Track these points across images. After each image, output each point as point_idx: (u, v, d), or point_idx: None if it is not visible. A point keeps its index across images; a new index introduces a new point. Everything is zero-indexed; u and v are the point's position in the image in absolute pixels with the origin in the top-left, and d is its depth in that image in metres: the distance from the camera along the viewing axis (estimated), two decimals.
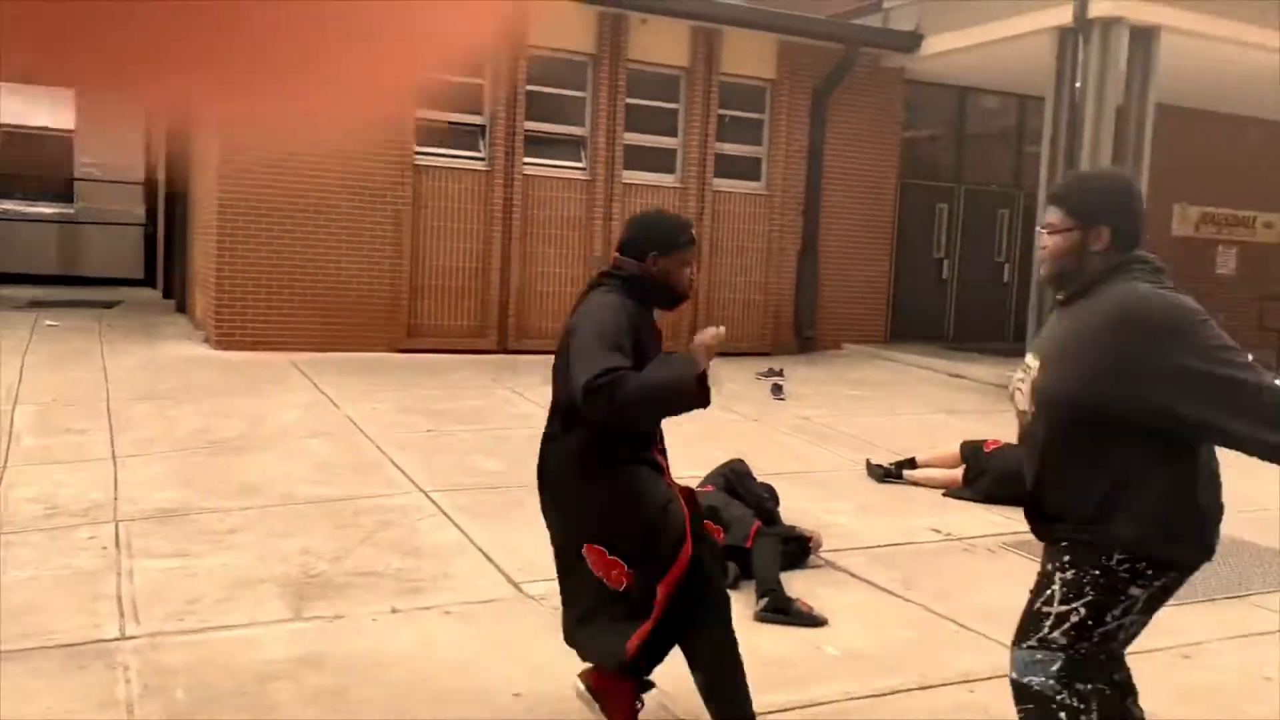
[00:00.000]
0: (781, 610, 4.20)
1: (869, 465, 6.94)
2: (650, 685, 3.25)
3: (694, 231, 3.30)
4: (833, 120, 12.84)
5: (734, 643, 3.06)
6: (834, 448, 7.72)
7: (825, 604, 4.36)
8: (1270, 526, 6.21)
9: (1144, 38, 10.68)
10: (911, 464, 6.90)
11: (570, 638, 3.21)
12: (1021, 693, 2.55)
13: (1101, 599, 2.49)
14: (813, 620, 4.17)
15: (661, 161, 12.25)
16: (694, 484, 5.38)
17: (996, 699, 3.54)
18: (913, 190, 13.88)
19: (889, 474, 6.81)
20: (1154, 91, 10.91)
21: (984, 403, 10.13)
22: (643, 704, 3.20)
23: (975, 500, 6.33)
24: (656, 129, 12.19)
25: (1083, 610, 2.48)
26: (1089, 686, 2.51)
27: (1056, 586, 2.52)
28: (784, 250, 12.80)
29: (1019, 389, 2.67)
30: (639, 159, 12.10)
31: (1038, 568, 2.63)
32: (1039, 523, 2.66)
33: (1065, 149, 10.91)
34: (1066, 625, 2.50)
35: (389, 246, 10.97)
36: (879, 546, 5.34)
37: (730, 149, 12.53)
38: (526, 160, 11.49)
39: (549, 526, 3.23)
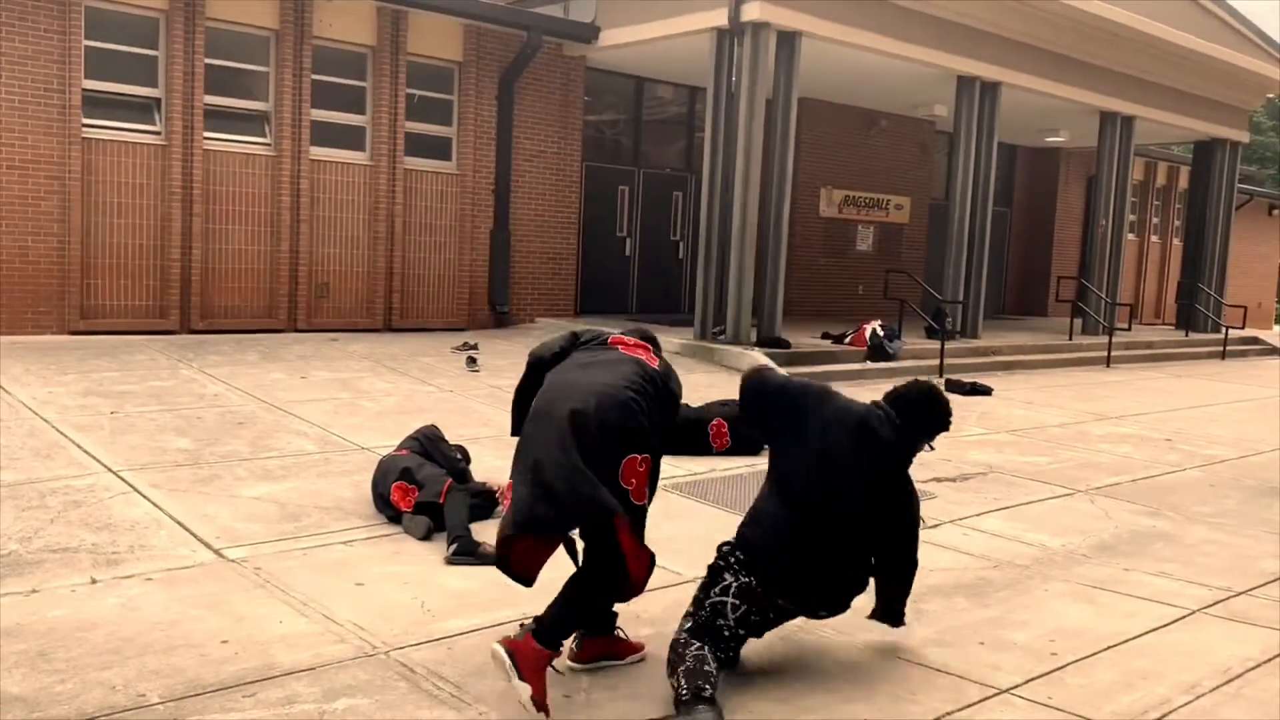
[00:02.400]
0: (469, 552, 4.73)
1: None
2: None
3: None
4: (520, 104, 13.42)
5: None
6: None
7: None
8: None
9: (788, 40, 12.07)
10: None
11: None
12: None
13: (708, 578, 3.70)
14: None
15: (351, 139, 12.32)
16: (389, 451, 5.81)
17: (647, 606, 4.28)
18: (597, 172, 14.77)
19: None
20: (797, 87, 12.33)
21: None
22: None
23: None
24: (344, 106, 12.23)
25: (701, 583, 3.72)
26: (699, 644, 3.48)
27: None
28: (477, 228, 13.27)
29: None
30: (328, 135, 12.10)
31: (691, 503, 3.35)
32: None
33: (725, 136, 12.14)
34: (696, 591, 3.73)
35: (55, 224, 10.35)
36: None
37: (420, 128, 12.79)
38: (208, 135, 11.19)
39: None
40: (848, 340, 13.03)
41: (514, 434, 3.72)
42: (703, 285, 12.44)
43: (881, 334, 12.82)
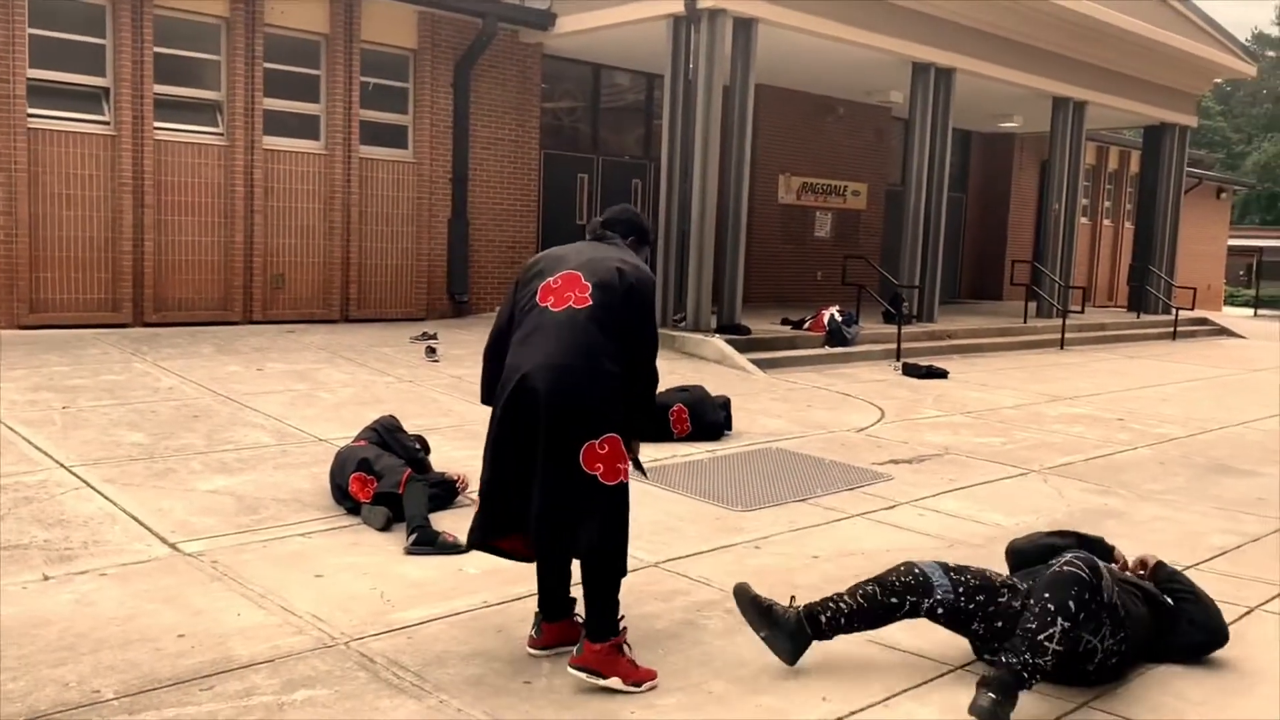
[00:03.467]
0: (429, 542, 4.72)
1: None
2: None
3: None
4: (476, 91, 13.34)
5: None
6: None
7: None
8: (834, 444, 7.59)
9: (745, 27, 12.09)
10: None
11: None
12: None
13: None
14: (457, 549, 4.72)
15: (305, 128, 12.18)
16: (347, 443, 5.78)
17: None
18: (556, 160, 14.73)
19: None
20: (754, 74, 12.36)
21: None
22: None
23: None
24: (298, 95, 12.09)
25: None
26: None
27: None
28: (435, 217, 13.18)
29: None
30: (281, 125, 11.96)
31: (652, 489, 3.37)
32: None
33: (683, 123, 12.15)
34: None
35: (2, 216, 10.15)
36: None
37: (376, 117, 12.68)
38: (158, 125, 11.01)
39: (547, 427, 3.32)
40: (806, 326, 13.12)
41: (483, 401, 3.71)
42: (661, 272, 12.45)
43: (839, 319, 12.93)
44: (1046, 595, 3.26)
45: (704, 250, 12.14)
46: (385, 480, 5.22)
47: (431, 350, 10.22)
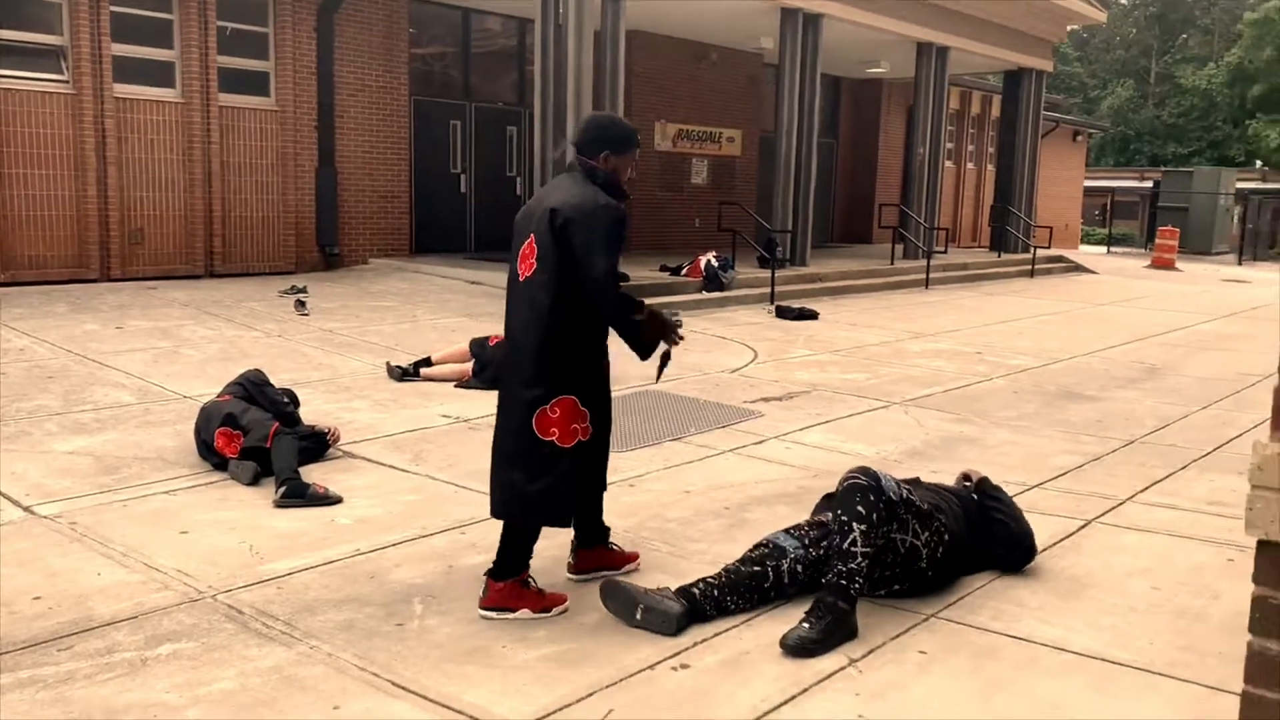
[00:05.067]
0: (298, 495, 4.68)
1: (389, 367, 7.53)
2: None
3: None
4: (340, 36, 12.94)
5: None
6: (357, 355, 8.21)
7: (341, 486, 4.90)
8: (708, 385, 7.75)
9: None
10: (427, 362, 7.60)
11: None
12: None
13: None
14: (328, 500, 4.70)
15: (159, 75, 11.62)
16: (212, 399, 5.65)
17: (484, 535, 4.35)
18: (426, 107, 14.42)
19: (407, 373, 7.45)
20: (624, 19, 12.31)
21: (500, 305, 11.09)
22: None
23: (482, 388, 7.18)
24: (150, 40, 11.51)
25: None
26: None
27: None
28: (301, 166, 12.80)
29: None
30: (133, 72, 11.38)
31: None
32: None
33: (555, 69, 12.04)
34: None
35: None
36: (395, 435, 5.98)
37: (235, 63, 12.18)
38: None
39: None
40: (684, 272, 13.28)
41: None
42: None
43: (716, 265, 13.13)
44: (840, 510, 3.53)
45: None
46: (252, 434, 5.13)
47: (301, 304, 9.98)
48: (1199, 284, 19.75)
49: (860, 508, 3.49)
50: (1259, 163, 47.16)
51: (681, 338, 3.72)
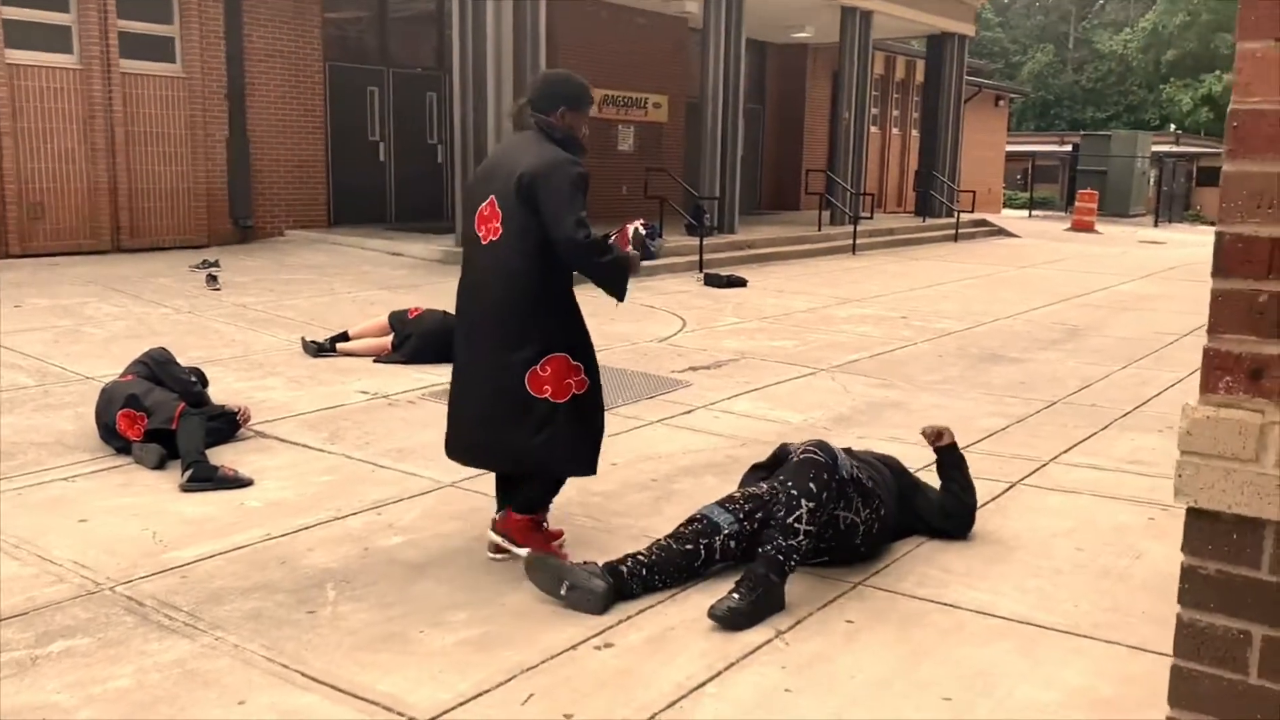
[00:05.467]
0: (205, 478, 4.47)
1: (304, 343, 7.28)
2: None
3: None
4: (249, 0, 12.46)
5: None
6: (271, 330, 7.93)
7: (253, 468, 4.70)
8: (636, 355, 7.65)
9: None
10: (344, 337, 7.37)
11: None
12: None
13: None
14: (237, 483, 4.49)
15: (55, 40, 11.06)
16: (113, 379, 5.38)
17: (399, 515, 4.20)
18: (342, 72, 13.99)
19: (323, 349, 7.21)
20: None
21: (421, 277, 10.86)
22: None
23: (402, 362, 6.99)
24: (43, 3, 10.93)
25: None
26: None
27: None
28: (211, 136, 12.33)
29: None
30: (25, 37, 10.81)
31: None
32: None
33: (474, 33, 11.74)
34: None
35: None
36: (309, 413, 5.77)
37: (137, 27, 11.66)
38: None
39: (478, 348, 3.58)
40: (611, 240, 13.10)
41: None
42: (462, 187, 12.13)
43: (644, 232, 12.89)
44: (790, 483, 3.43)
45: None
46: (156, 416, 4.89)
47: (213, 278, 9.63)
48: (1118, 246, 20.19)
49: (812, 484, 3.41)
50: (1173, 126, 48.41)
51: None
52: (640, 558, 3.49)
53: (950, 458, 4.11)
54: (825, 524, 3.51)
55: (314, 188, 13.51)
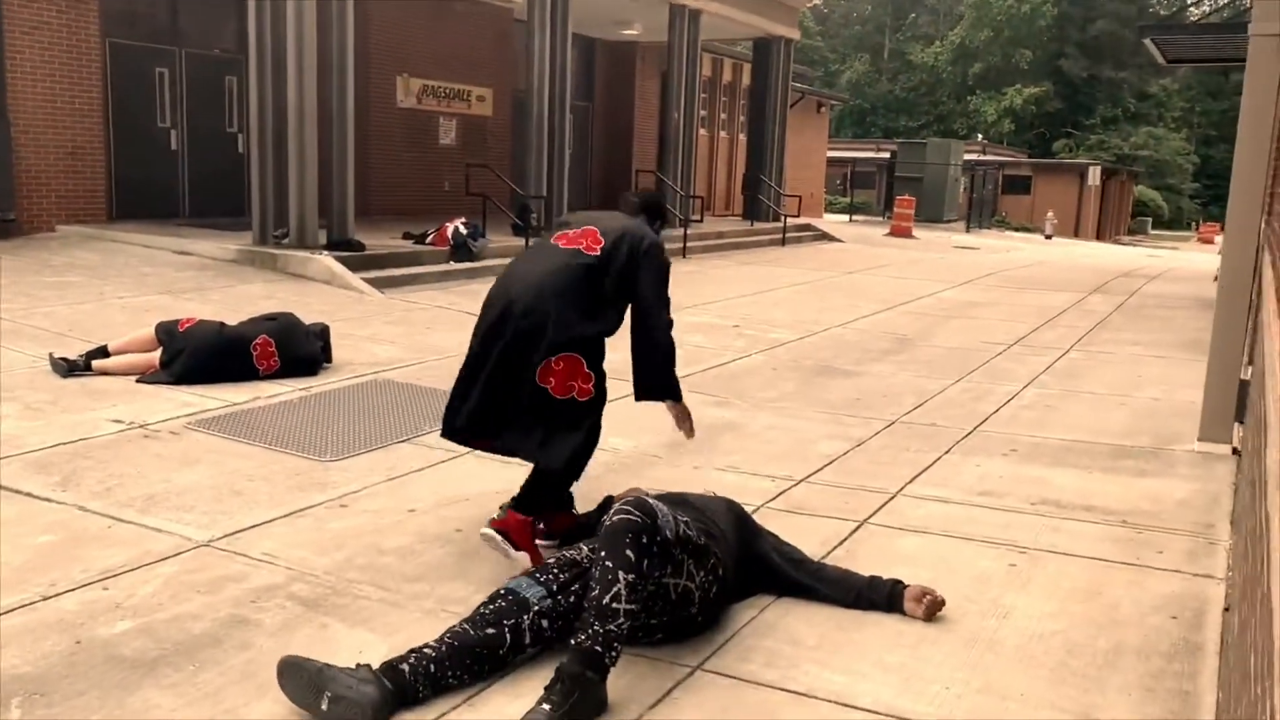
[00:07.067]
0: None
1: (52, 359, 6.21)
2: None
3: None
4: None
5: None
6: (15, 344, 6.78)
7: None
8: (450, 372, 6.91)
9: None
10: (103, 352, 6.32)
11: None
12: None
13: None
14: None
15: None
16: None
17: (131, 590, 3.37)
18: (125, 51, 12.58)
19: (76, 367, 6.16)
20: None
21: (210, 280, 9.75)
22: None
23: (169, 382, 6.02)
24: None
25: None
26: None
27: None
28: None
29: None
30: None
31: (221, 443, 2.43)
32: None
33: (272, 12, 10.66)
34: None
35: None
36: (42, 450, 4.78)
37: None
38: None
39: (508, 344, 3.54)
40: (429, 240, 12.28)
41: None
42: (259, 183, 11.02)
43: (465, 232, 12.20)
44: (604, 554, 2.81)
45: (305, 157, 10.85)
46: None
47: None
48: (935, 250, 20.67)
49: (630, 553, 2.78)
50: (980, 135, 50.92)
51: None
52: (428, 651, 2.79)
53: (818, 573, 3.55)
54: (652, 596, 2.92)
55: (91, 178, 12.07)
